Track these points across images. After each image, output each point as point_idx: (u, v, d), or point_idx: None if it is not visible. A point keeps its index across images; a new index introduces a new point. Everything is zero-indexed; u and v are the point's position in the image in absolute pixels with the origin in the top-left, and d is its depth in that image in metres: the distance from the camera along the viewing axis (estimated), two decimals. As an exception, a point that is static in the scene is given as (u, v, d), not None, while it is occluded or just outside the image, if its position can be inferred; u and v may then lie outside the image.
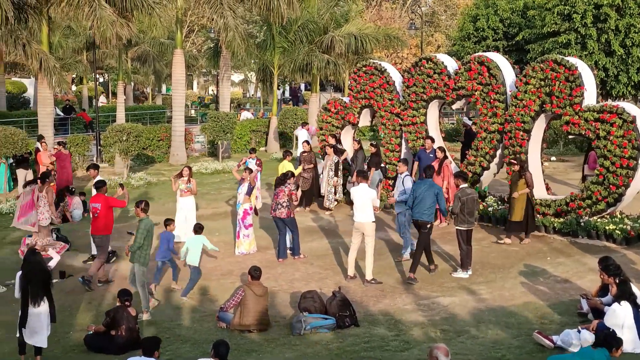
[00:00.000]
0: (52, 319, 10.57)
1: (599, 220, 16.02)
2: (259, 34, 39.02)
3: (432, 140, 18.47)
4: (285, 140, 36.14)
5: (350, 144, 21.12)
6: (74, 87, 58.80)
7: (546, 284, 13.40)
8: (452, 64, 19.12)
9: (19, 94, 50.38)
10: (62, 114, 41.13)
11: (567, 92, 16.26)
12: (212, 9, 29.12)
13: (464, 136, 23.41)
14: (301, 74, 36.75)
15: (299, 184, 17.90)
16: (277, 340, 11.30)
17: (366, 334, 11.32)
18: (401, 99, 19.88)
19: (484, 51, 32.66)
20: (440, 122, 20.39)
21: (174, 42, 35.72)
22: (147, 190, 24.40)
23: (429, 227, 14.21)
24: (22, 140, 22.45)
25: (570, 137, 17.66)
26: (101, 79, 62.50)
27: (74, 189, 20.66)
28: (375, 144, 20.00)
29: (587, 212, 16.16)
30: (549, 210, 16.78)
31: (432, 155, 18.03)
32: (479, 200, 14.42)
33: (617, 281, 10.80)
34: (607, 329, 9.95)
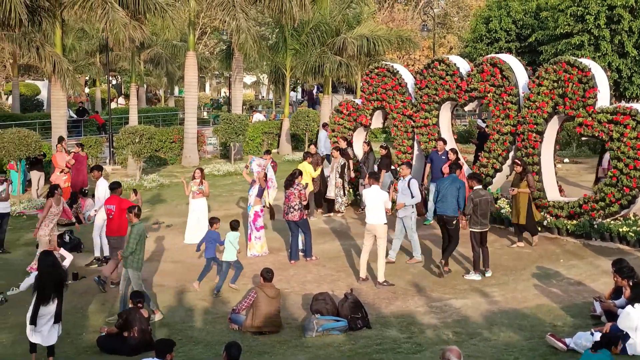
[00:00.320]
0: (58, 318, 10.59)
1: (612, 222, 15.94)
2: (271, 36, 39.12)
3: (444, 142, 18.41)
4: (297, 142, 36.17)
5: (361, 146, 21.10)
6: (87, 90, 59.05)
7: (559, 287, 13.35)
8: (464, 66, 19.08)
9: (33, 96, 50.68)
10: (75, 116, 41.31)
11: (580, 93, 16.19)
12: (224, 11, 29.18)
13: (477, 138, 23.35)
14: (313, 76, 36.78)
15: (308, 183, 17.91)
16: (289, 342, 11.30)
17: (378, 336, 11.31)
18: (413, 101, 19.86)
19: (496, 53, 32.52)
20: (452, 124, 20.34)
21: (186, 44, 35.91)
22: (160, 192, 24.48)
23: (454, 222, 14.29)
24: (35, 142, 22.58)
25: (583, 138, 17.56)
26: (114, 82, 62.76)
27: (87, 191, 20.74)
28: (385, 145, 19.98)
29: (601, 214, 16.08)
30: (562, 212, 16.71)
31: (444, 157, 17.97)
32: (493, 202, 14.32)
33: (631, 283, 10.75)
34: (621, 331, 9.91)
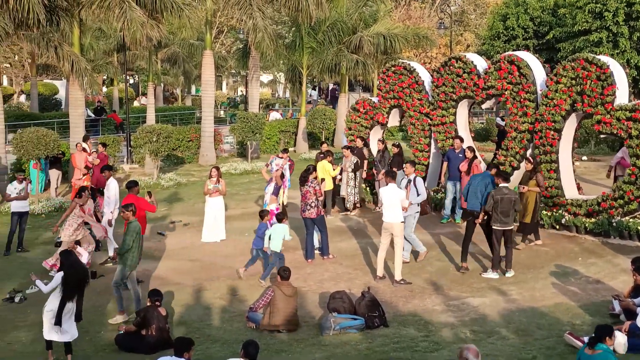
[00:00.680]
0: (78, 317, 10.69)
1: (631, 220, 15.82)
2: (288, 34, 39.16)
3: (461, 140, 18.34)
4: (314, 140, 36.17)
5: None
6: (104, 89, 59.37)
7: (577, 285, 13.28)
8: (481, 63, 19.01)
9: (51, 96, 51.01)
10: (93, 115, 41.56)
11: (599, 91, 16.08)
12: (241, 10, 29.22)
13: (497, 136, 23.29)
14: (330, 74, 36.79)
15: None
16: (306, 340, 11.32)
17: (395, 335, 11.29)
18: (430, 99, 19.81)
19: (513, 50, 32.40)
20: (469, 122, 20.27)
21: (203, 43, 36.03)
22: (177, 190, 24.57)
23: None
24: (54, 141, 22.71)
25: (601, 136, 17.47)
26: (131, 81, 63.03)
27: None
28: (397, 144, 19.91)
29: (619, 212, 15.96)
30: (580, 210, 16.61)
31: (461, 155, 17.92)
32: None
33: (650, 282, 10.68)
34: (640, 330, 9.83)
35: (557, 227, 16.86)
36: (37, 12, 21.38)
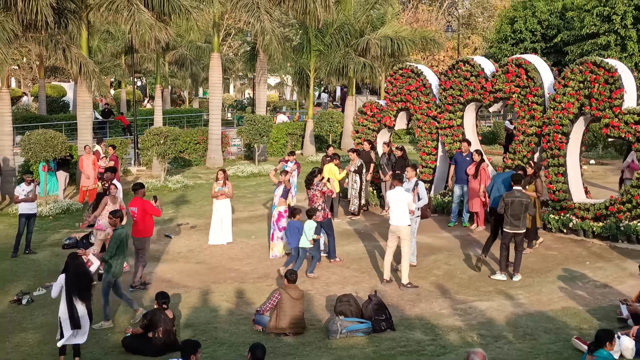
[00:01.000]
0: (90, 318, 10.75)
1: (639, 224, 15.78)
2: (295, 37, 39.24)
3: (469, 143, 18.32)
4: (321, 143, 36.19)
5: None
6: (112, 91, 59.51)
7: (585, 289, 13.24)
8: (489, 67, 19.00)
9: (59, 98, 51.12)
10: (101, 117, 41.66)
11: (607, 94, 16.05)
12: (248, 12, 29.25)
13: (505, 140, 23.27)
14: (337, 77, 36.81)
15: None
16: (313, 343, 11.30)
17: (402, 338, 11.27)
18: (438, 102, 19.80)
19: (521, 53, 32.36)
20: (477, 125, 20.25)
21: (210, 45, 36.05)
22: (184, 193, 24.60)
23: None
24: (61, 143, 22.74)
25: (609, 140, 17.38)
26: (139, 83, 63.15)
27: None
28: (401, 147, 19.87)
29: (627, 216, 15.93)
30: (588, 214, 16.57)
31: (468, 158, 17.91)
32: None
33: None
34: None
35: (565, 230, 16.83)
36: (45, 15, 21.40)
